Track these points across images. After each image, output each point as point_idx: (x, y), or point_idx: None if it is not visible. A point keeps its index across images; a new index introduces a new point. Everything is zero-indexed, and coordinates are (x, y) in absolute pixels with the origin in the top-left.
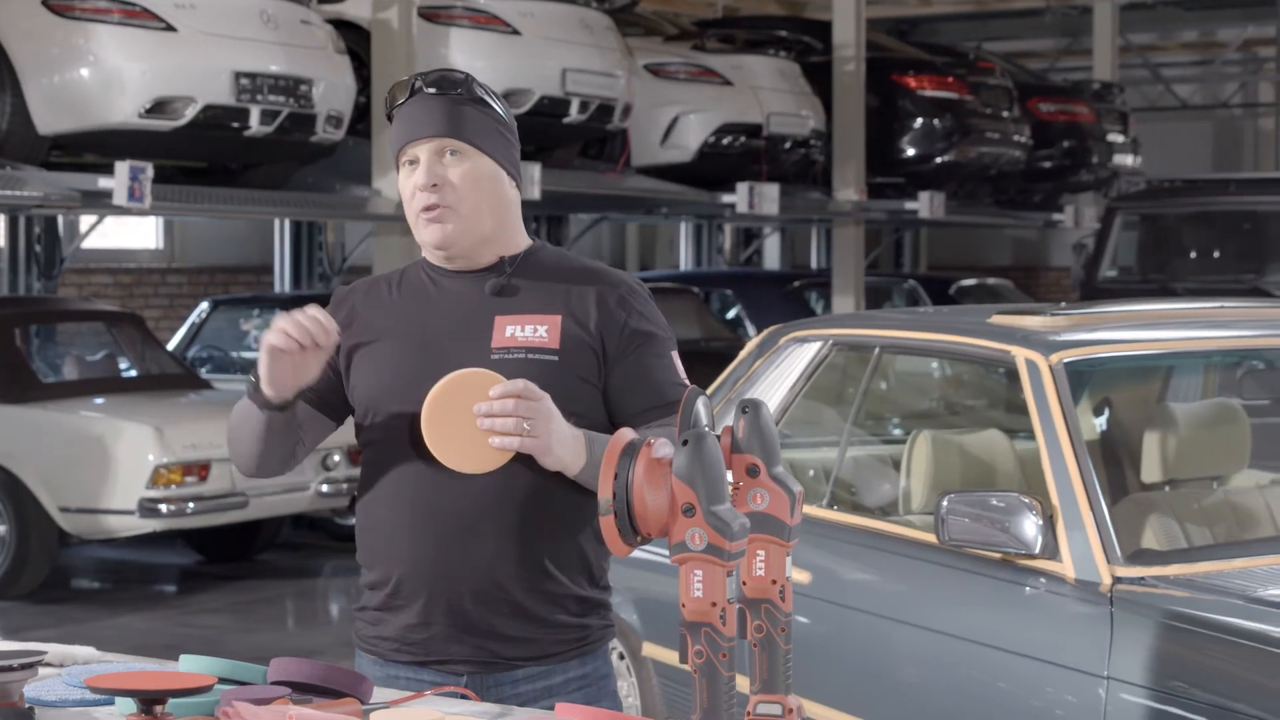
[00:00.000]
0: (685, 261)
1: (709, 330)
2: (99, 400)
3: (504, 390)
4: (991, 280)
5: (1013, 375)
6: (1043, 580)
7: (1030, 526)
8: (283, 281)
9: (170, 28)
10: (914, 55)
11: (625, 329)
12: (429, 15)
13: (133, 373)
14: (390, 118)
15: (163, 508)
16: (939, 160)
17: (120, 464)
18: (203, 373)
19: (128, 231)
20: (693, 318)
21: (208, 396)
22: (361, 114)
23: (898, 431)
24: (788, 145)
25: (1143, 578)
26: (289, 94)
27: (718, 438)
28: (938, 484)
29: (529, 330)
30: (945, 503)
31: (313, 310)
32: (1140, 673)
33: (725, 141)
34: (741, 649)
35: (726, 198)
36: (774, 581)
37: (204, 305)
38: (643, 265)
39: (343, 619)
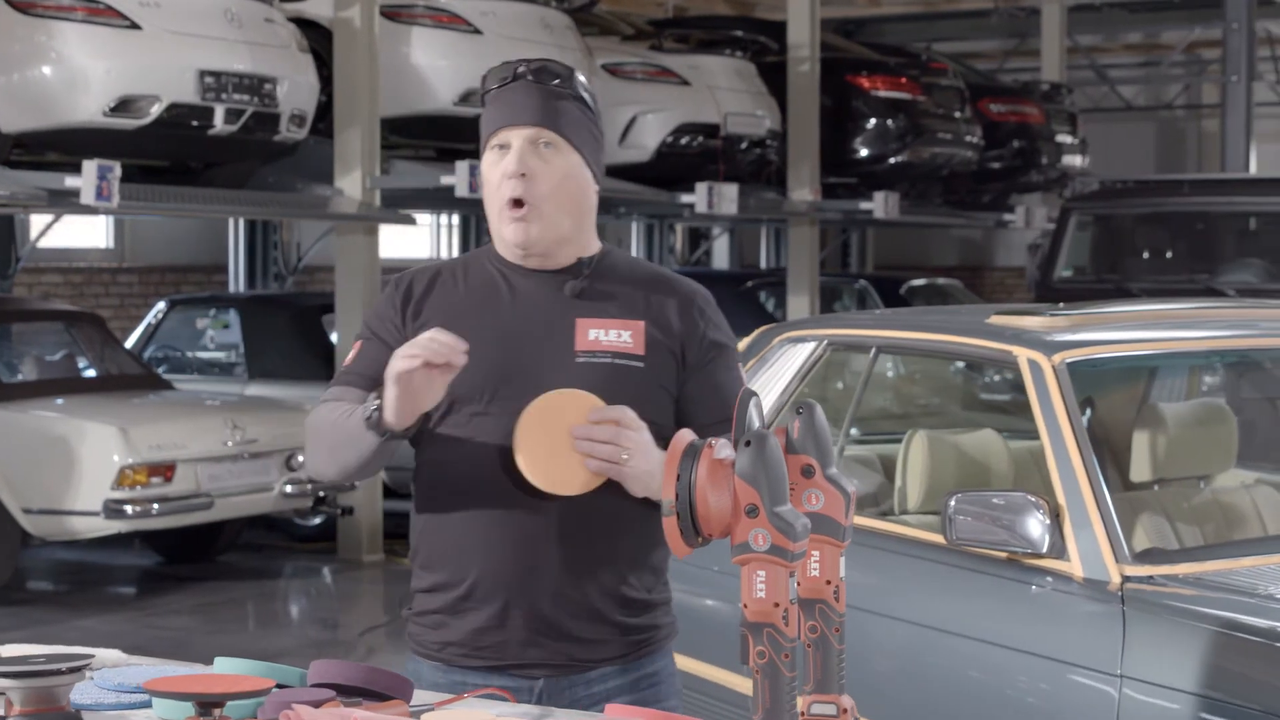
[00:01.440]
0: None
1: None
2: (60, 401)
3: (605, 416)
4: (941, 280)
5: (1014, 375)
6: (1049, 579)
7: (1038, 526)
8: (237, 281)
9: (135, 26)
10: (867, 56)
11: (705, 339)
12: (391, 14)
13: (93, 373)
14: (484, 100)
15: (128, 509)
16: (892, 160)
17: (85, 465)
18: (159, 372)
19: (78, 231)
20: None
21: (170, 397)
22: (322, 113)
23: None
24: (744, 145)
25: (1151, 576)
26: (253, 93)
27: None
28: (934, 483)
29: (613, 335)
30: (953, 503)
31: (437, 333)
32: (1154, 671)
33: (683, 141)
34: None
35: (685, 197)
36: (828, 582)
37: (161, 305)
38: None
39: (307, 620)
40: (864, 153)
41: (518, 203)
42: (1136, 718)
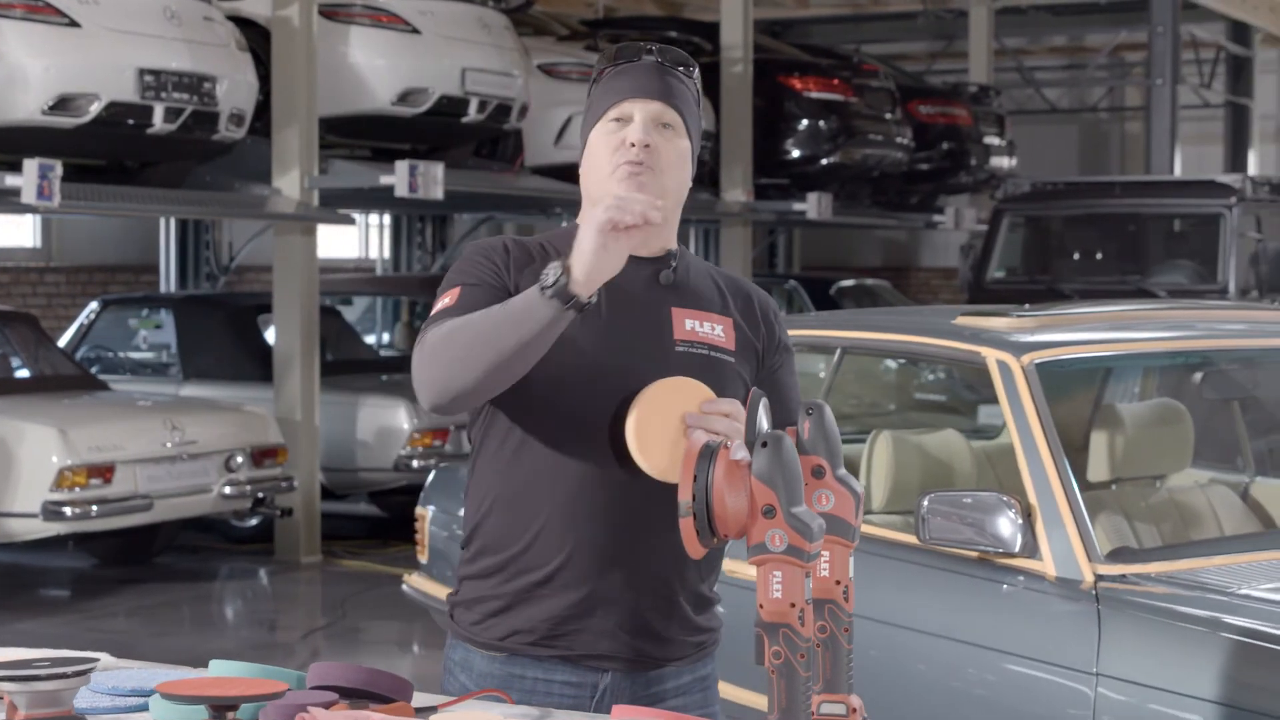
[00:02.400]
0: None
1: None
2: None
3: (718, 408)
4: (870, 281)
5: (982, 376)
6: (1021, 578)
7: (1010, 525)
8: (168, 281)
9: (74, 23)
10: (799, 57)
11: (778, 343)
12: (329, 13)
13: (27, 373)
14: (597, 77)
15: (67, 510)
16: (824, 162)
17: (23, 466)
18: (92, 373)
19: (4, 230)
20: None
21: (107, 398)
22: (259, 112)
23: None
24: None
25: (1124, 575)
26: (193, 91)
27: None
28: (899, 483)
29: (707, 327)
30: (926, 502)
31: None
32: (1130, 669)
33: None
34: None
35: None
36: (838, 582)
37: (93, 305)
38: None
39: (248, 622)
40: (796, 154)
41: (635, 165)
42: (1112, 715)
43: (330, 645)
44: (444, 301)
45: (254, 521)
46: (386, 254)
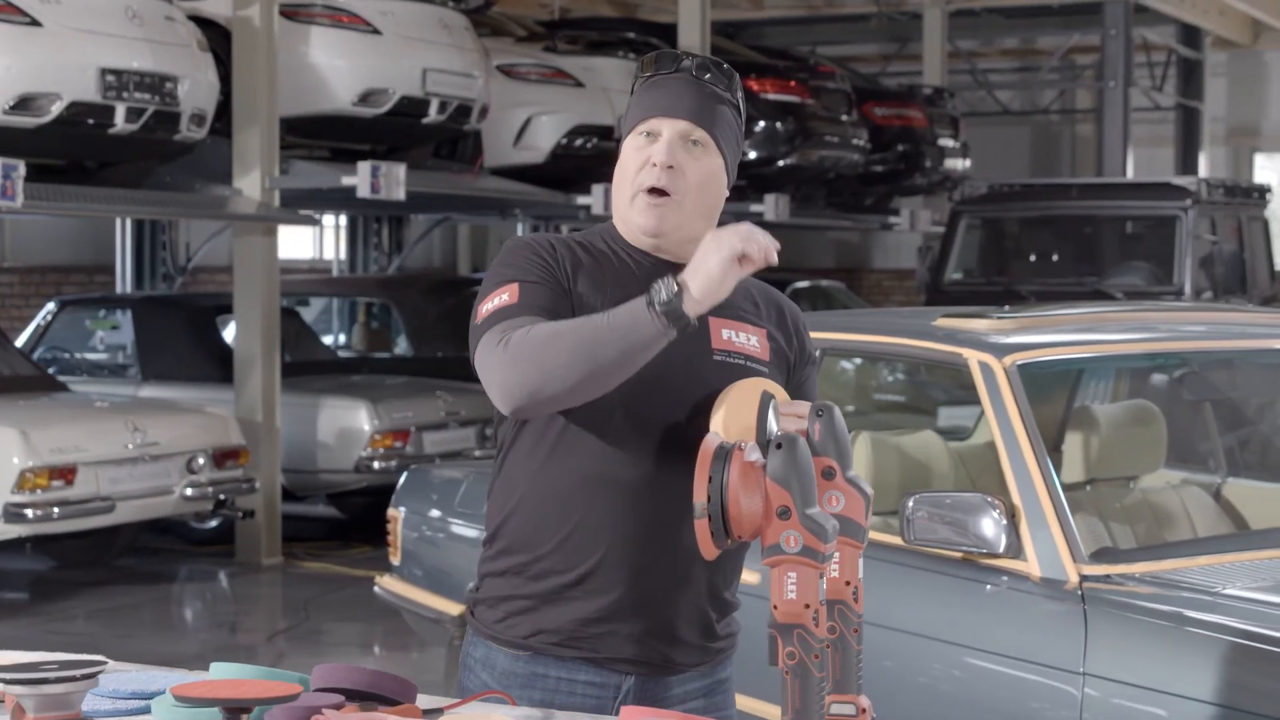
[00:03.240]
0: None
1: None
2: None
3: (796, 410)
4: (824, 282)
5: (962, 377)
6: (1004, 578)
7: (995, 526)
8: (125, 281)
9: (35, 23)
10: (756, 59)
11: (806, 353)
12: (289, 13)
13: None
14: (635, 85)
15: (28, 513)
16: (781, 163)
17: None
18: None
19: None
20: None
21: (67, 399)
22: (219, 112)
23: None
24: None
25: (1109, 575)
26: (155, 91)
27: None
28: (878, 484)
29: (743, 338)
30: (910, 503)
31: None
32: (1116, 669)
33: (578, 143)
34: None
35: (581, 199)
36: (847, 583)
37: (50, 305)
38: (474, 267)
39: (210, 624)
40: (752, 155)
41: (658, 191)
42: (1099, 715)
43: (295, 647)
44: (502, 298)
45: (214, 523)
46: (343, 255)
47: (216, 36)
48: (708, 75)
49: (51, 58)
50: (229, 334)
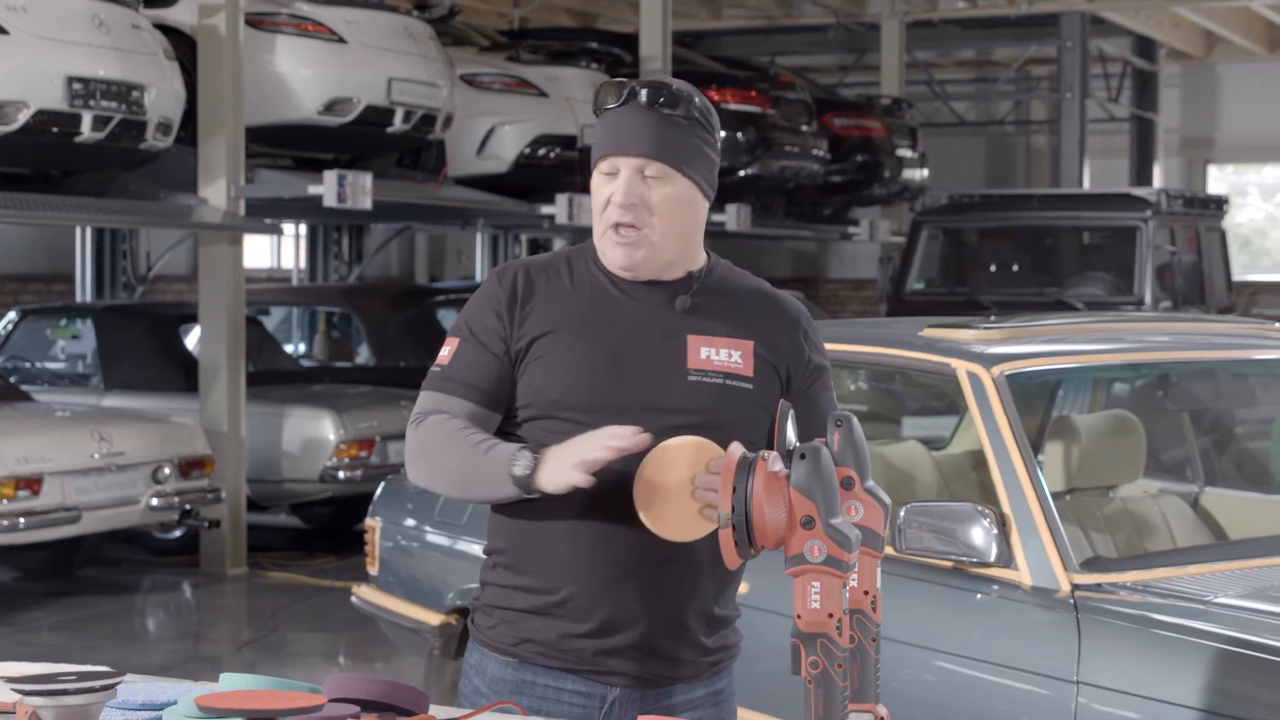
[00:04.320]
0: (482, 272)
1: None
2: None
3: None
4: (784, 292)
5: (937, 387)
6: (995, 587)
7: (985, 535)
8: (84, 290)
9: (2, 31)
10: (716, 69)
11: (810, 364)
12: (255, 22)
13: None
14: (596, 114)
15: None
16: (741, 173)
17: None
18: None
19: None
20: None
21: (31, 409)
22: (183, 121)
23: None
24: None
25: (1100, 584)
26: (121, 100)
27: None
28: None
29: (724, 355)
30: (903, 513)
31: (624, 430)
32: (1111, 677)
33: (541, 153)
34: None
35: (546, 208)
36: (866, 592)
37: (12, 314)
38: (432, 276)
39: (179, 635)
40: None
41: (625, 226)
42: None
43: (263, 657)
44: (444, 352)
45: (177, 533)
46: (302, 264)
47: (181, 45)
48: (660, 100)
49: (18, 66)
50: (191, 343)
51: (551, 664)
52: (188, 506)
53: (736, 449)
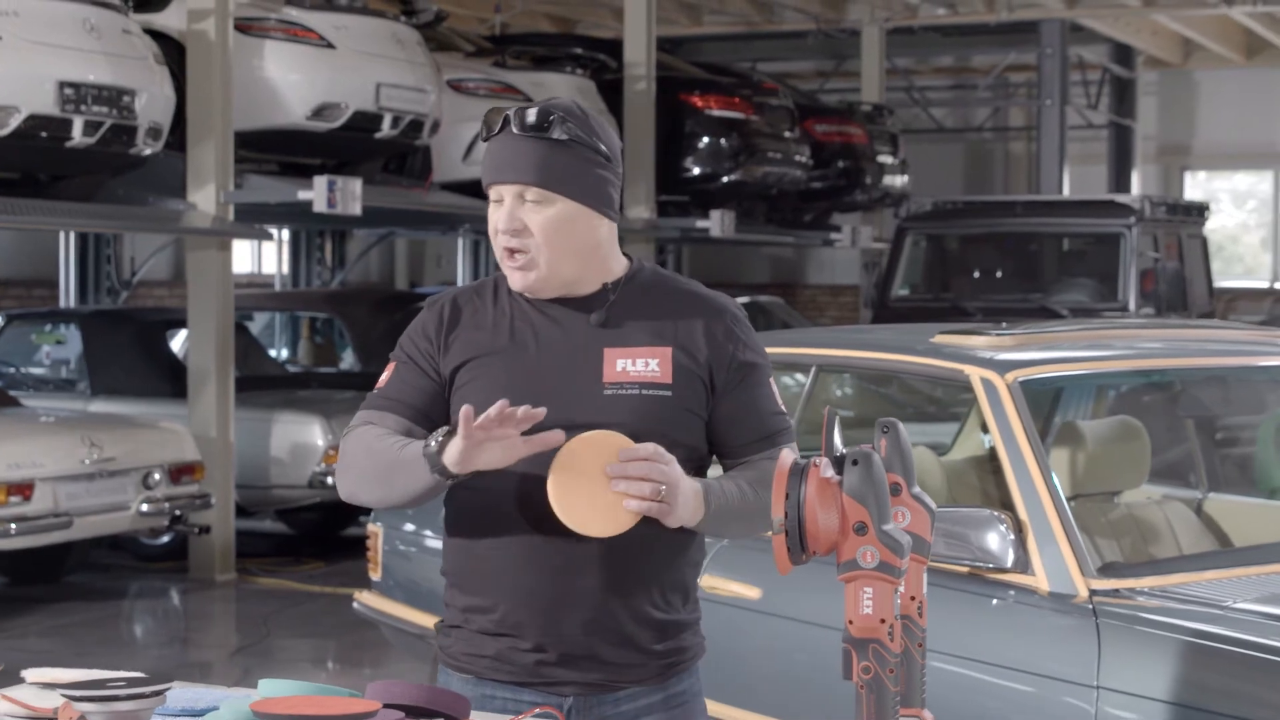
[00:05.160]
0: (463, 277)
1: None
2: None
3: (635, 454)
4: (764, 298)
5: (959, 393)
6: (1011, 593)
7: (1001, 540)
8: (68, 295)
9: None
10: (700, 75)
11: (734, 361)
12: (243, 27)
13: None
14: (484, 141)
15: None
16: (725, 179)
17: None
18: None
19: None
20: None
21: (20, 414)
22: (172, 126)
23: None
24: None
25: (1118, 590)
26: (112, 105)
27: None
28: None
29: (640, 364)
30: None
31: (496, 409)
32: (1132, 682)
33: None
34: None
35: None
36: (913, 598)
37: None
38: (412, 281)
39: (170, 641)
40: (697, 171)
41: (513, 251)
42: None
43: (258, 664)
44: (384, 375)
45: (165, 539)
46: (285, 269)
47: (170, 50)
48: (533, 125)
49: (10, 70)
50: (178, 348)
51: (505, 678)
52: (178, 512)
53: (788, 455)
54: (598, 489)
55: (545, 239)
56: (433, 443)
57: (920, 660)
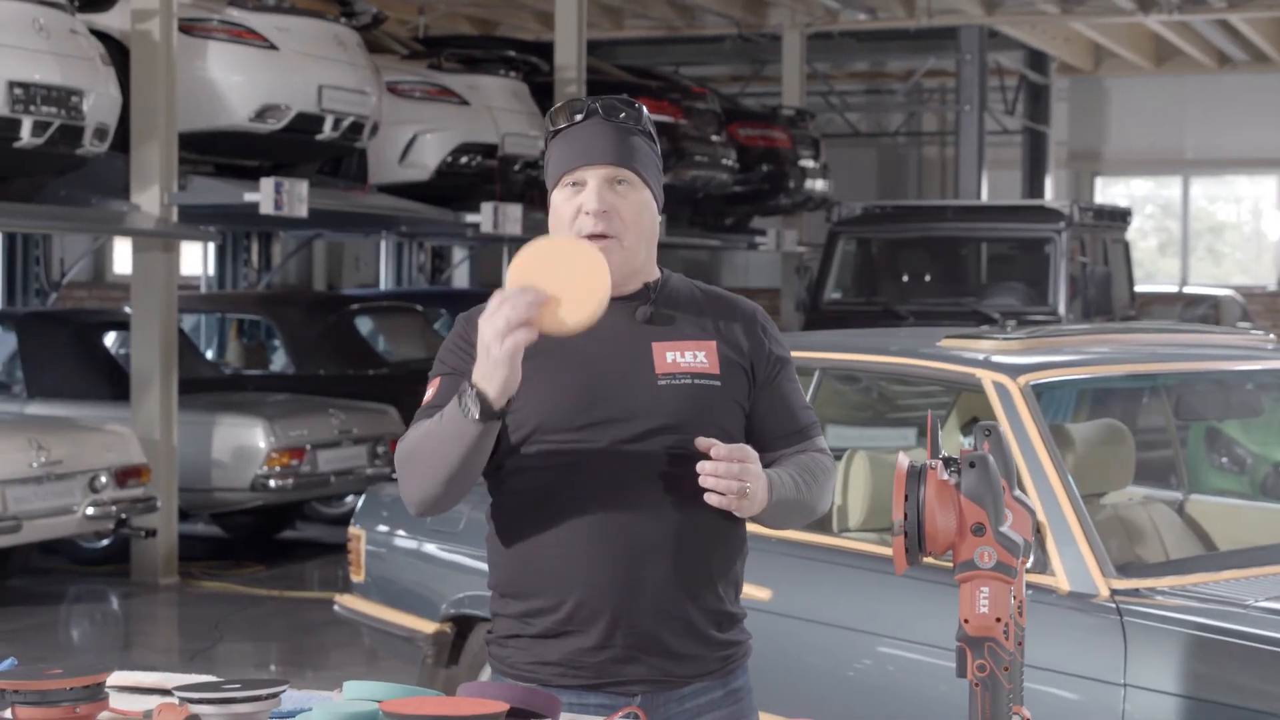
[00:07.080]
0: (385, 280)
1: (434, 349)
2: None
3: (728, 453)
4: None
5: (979, 395)
6: (1029, 592)
7: None
8: None
9: None
10: (629, 79)
11: (771, 355)
12: (187, 28)
13: None
14: (550, 136)
15: None
16: None
17: None
18: None
19: None
20: (417, 336)
21: None
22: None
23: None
24: (519, 166)
25: (1138, 589)
26: (61, 105)
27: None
28: (876, 501)
29: (689, 356)
30: None
31: (508, 292)
32: (1158, 679)
33: (462, 161)
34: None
35: (470, 217)
36: (1014, 598)
37: None
38: (329, 284)
39: (124, 644)
40: None
41: (598, 236)
42: None
43: (212, 668)
44: (428, 394)
45: (104, 542)
46: (210, 270)
47: (113, 51)
48: (621, 115)
49: None
50: (114, 350)
51: (571, 682)
52: (124, 515)
53: (905, 459)
54: (573, 262)
55: (633, 220)
56: (467, 399)
57: (1020, 659)
